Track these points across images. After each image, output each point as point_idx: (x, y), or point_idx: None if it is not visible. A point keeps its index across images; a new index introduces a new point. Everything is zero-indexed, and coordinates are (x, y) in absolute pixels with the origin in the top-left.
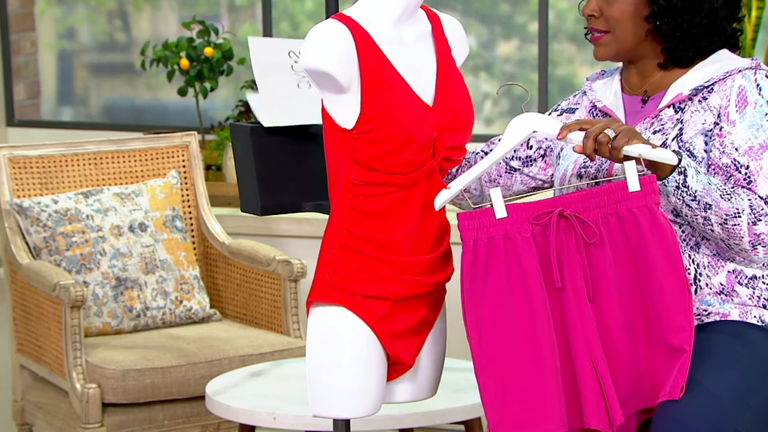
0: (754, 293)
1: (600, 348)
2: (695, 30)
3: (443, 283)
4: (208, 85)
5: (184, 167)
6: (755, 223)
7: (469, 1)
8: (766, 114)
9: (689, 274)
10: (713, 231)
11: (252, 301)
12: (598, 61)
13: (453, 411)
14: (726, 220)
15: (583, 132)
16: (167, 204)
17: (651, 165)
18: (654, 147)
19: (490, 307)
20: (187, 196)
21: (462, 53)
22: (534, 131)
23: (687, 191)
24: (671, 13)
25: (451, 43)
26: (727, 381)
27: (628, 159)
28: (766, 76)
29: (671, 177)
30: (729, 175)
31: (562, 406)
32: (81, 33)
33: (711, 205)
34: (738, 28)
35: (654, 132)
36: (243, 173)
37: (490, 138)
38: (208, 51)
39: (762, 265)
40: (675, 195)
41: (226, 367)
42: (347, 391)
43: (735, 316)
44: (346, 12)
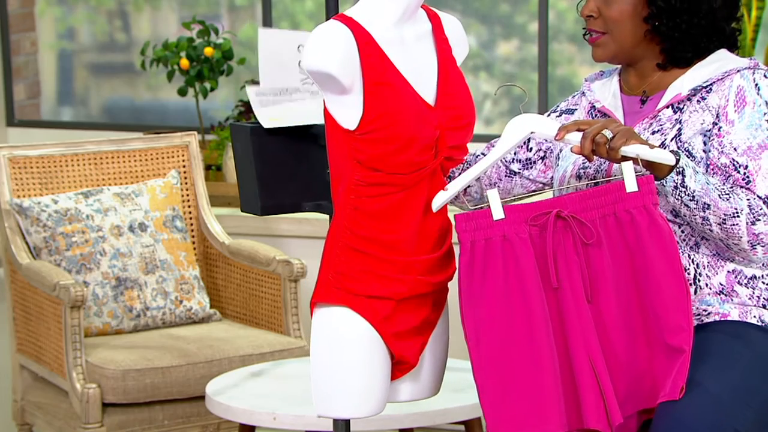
0: (753, 293)
1: (598, 348)
2: (694, 30)
3: (445, 283)
4: (208, 85)
5: (184, 167)
6: (754, 223)
7: (469, 1)
8: (764, 114)
9: (689, 274)
10: (712, 231)
11: (252, 301)
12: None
13: (453, 411)
14: (725, 220)
15: (581, 133)
16: (167, 204)
17: (649, 165)
18: (652, 147)
19: (487, 309)
20: (187, 196)
21: (462, 52)
22: (532, 132)
23: (685, 191)
24: (670, 14)
25: (452, 43)
26: (727, 381)
27: (626, 159)
28: (764, 76)
29: (669, 177)
30: (728, 175)
31: (560, 406)
32: (81, 33)
33: (709, 205)
34: (736, 27)
35: (653, 132)
36: (243, 173)
37: (490, 138)
38: (208, 51)
39: (761, 265)
40: (673, 195)
41: (226, 367)
42: (352, 391)
43: (735, 316)
44: (347, 12)
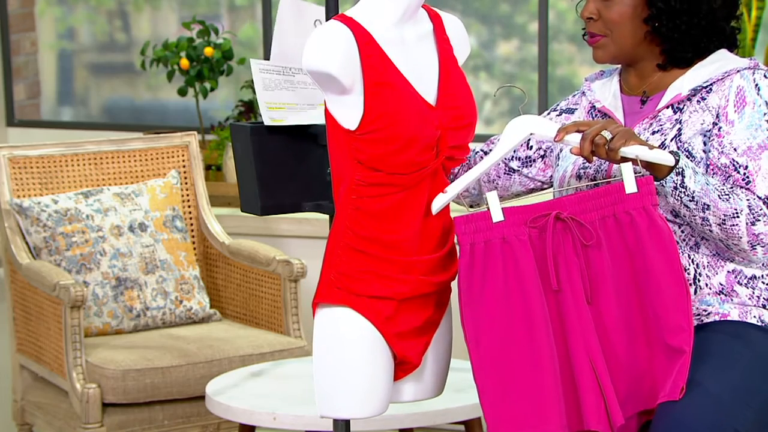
0: (753, 293)
1: (599, 349)
2: (694, 31)
3: (448, 283)
4: (208, 85)
5: (184, 167)
6: (754, 224)
7: (469, 1)
8: (764, 114)
9: (689, 274)
10: (712, 231)
11: (252, 301)
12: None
13: (453, 411)
14: (724, 220)
15: (580, 134)
16: (167, 204)
17: (649, 166)
18: (651, 148)
19: (487, 311)
20: (187, 196)
21: (464, 53)
22: (531, 133)
23: (685, 192)
24: (670, 15)
25: (453, 43)
26: (727, 381)
27: (625, 160)
28: (764, 76)
29: (669, 178)
30: (728, 176)
31: (561, 407)
32: (81, 33)
33: (709, 206)
34: (736, 26)
35: (653, 132)
36: (243, 173)
37: (490, 138)
38: (208, 51)
39: (761, 265)
40: (673, 196)
41: (226, 367)
42: (354, 392)
43: (735, 316)
44: (347, 13)
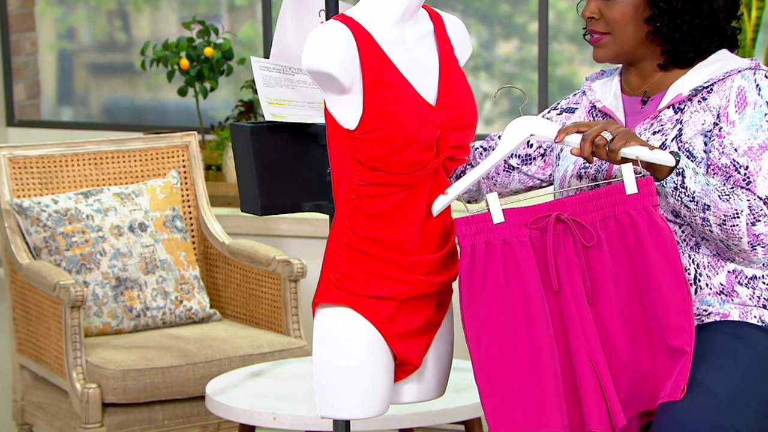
0: (754, 293)
1: (600, 350)
2: (695, 31)
3: (449, 283)
4: (208, 85)
5: (184, 167)
6: (754, 224)
7: (469, 1)
8: (765, 114)
9: (689, 274)
10: (712, 232)
11: (252, 301)
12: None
13: (453, 411)
14: (725, 221)
15: (581, 135)
16: (167, 204)
17: (649, 166)
18: (652, 148)
19: (488, 312)
20: (187, 196)
21: (465, 53)
22: (531, 134)
23: (685, 192)
24: (671, 15)
25: (454, 43)
26: (728, 381)
27: (626, 161)
28: (765, 76)
29: (669, 178)
30: (728, 176)
31: (562, 408)
32: (81, 33)
33: (709, 206)
34: (736, 26)
35: (653, 132)
36: (243, 173)
37: (489, 135)
38: (208, 51)
39: (762, 266)
40: (673, 196)
41: (226, 367)
42: (354, 392)
43: (735, 316)
44: (347, 12)
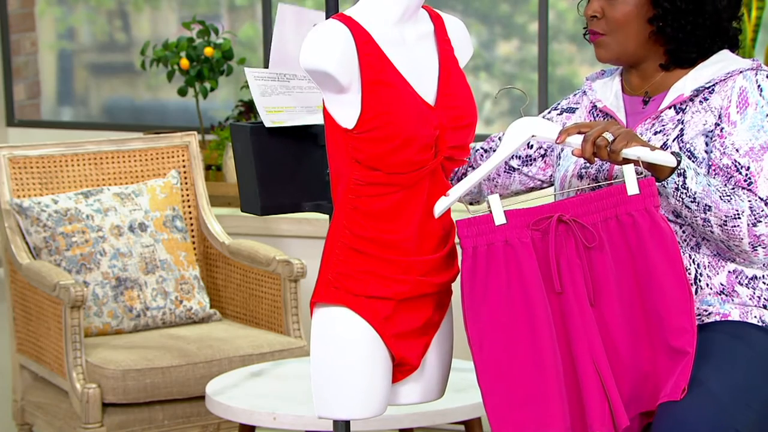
0: (754, 293)
1: (602, 351)
2: (699, 31)
3: (448, 284)
4: (208, 85)
5: (184, 167)
6: (755, 225)
7: (469, 1)
8: (766, 115)
9: (690, 274)
10: (713, 232)
11: (252, 301)
12: (599, 62)
13: (453, 411)
14: (726, 221)
15: (582, 136)
16: (167, 204)
17: (650, 167)
18: (653, 149)
19: (490, 314)
20: (187, 196)
21: (466, 54)
22: (532, 135)
23: (686, 193)
24: (675, 15)
25: (455, 44)
26: (728, 381)
27: (627, 162)
28: (767, 77)
29: (670, 179)
30: (729, 176)
31: (565, 410)
32: (81, 33)
33: (710, 207)
34: (737, 27)
35: (655, 133)
36: (243, 173)
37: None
38: (208, 51)
39: (762, 266)
40: (674, 197)
41: (226, 367)
42: (352, 392)
43: (735, 316)
44: (346, 12)
